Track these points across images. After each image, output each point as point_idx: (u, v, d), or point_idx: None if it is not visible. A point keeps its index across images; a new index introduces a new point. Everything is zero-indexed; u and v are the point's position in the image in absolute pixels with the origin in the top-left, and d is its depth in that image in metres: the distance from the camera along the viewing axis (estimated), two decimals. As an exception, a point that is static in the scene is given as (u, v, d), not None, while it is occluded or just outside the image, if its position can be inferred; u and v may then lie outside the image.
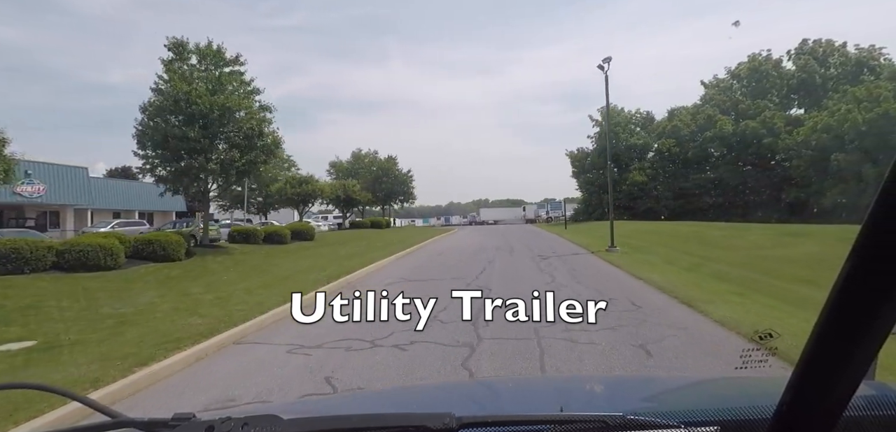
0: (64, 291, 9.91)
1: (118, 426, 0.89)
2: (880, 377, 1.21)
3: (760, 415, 0.86)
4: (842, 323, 0.56)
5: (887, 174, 0.46)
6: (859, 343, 0.56)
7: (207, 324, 6.53)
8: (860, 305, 0.53)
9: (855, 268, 0.52)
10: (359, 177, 52.62)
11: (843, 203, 33.76)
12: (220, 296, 8.97)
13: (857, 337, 0.55)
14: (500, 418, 0.94)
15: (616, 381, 2.69)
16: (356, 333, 5.65)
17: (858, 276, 0.52)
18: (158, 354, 5.18)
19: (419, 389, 3.04)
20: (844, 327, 0.56)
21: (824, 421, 0.63)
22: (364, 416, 0.96)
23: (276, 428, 0.83)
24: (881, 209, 0.47)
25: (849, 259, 0.52)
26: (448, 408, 0.86)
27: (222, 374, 4.90)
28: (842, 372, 0.58)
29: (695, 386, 1.81)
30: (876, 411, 0.85)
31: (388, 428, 0.87)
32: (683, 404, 1.25)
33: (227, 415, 0.85)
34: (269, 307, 7.51)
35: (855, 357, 0.57)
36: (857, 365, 0.58)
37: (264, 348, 5.75)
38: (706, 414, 0.91)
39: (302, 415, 0.96)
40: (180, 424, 0.84)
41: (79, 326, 6.82)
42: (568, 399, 1.51)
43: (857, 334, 0.55)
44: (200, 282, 11.27)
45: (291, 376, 4.68)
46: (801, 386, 0.63)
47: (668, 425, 0.87)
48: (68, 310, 8.08)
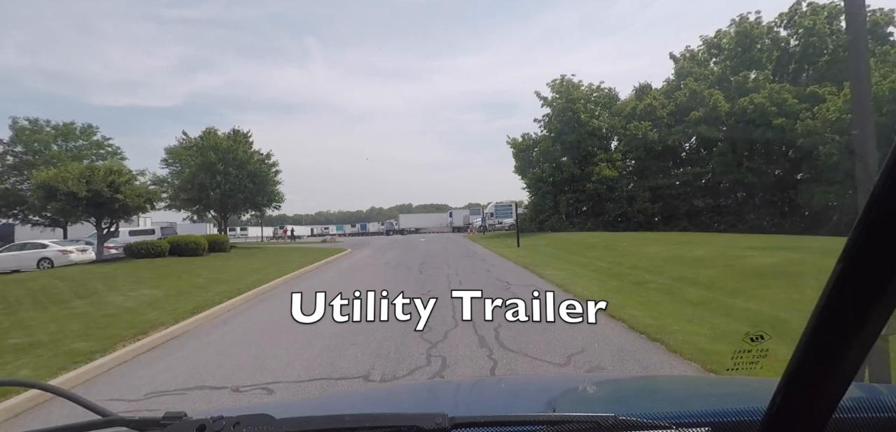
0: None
1: (109, 424, 0.89)
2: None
3: (751, 417, 0.88)
4: (832, 324, 0.56)
5: (879, 174, 0.46)
6: (850, 344, 0.56)
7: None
8: (850, 307, 0.54)
9: (846, 270, 0.52)
10: (190, 165, 34.48)
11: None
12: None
13: (848, 338, 0.55)
14: (492, 418, 0.94)
15: (608, 381, 2.47)
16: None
17: (849, 278, 0.52)
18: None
19: (412, 388, 3.07)
20: (835, 329, 0.56)
21: (814, 422, 0.63)
22: (357, 416, 0.97)
23: (268, 428, 0.84)
24: (873, 209, 0.47)
25: (840, 260, 0.52)
26: (441, 408, 0.88)
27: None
28: (832, 373, 0.59)
29: (686, 386, 1.88)
30: (866, 413, 0.86)
31: (381, 427, 0.88)
32: (675, 405, 1.26)
33: (219, 415, 0.86)
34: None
35: (845, 358, 0.57)
36: (847, 367, 0.58)
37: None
38: (697, 415, 0.93)
39: (294, 415, 0.97)
40: (172, 423, 0.85)
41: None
42: (560, 399, 1.56)
43: (848, 336, 0.55)
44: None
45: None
46: (792, 388, 0.63)
47: (659, 426, 0.88)
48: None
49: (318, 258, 22.41)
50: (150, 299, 10.75)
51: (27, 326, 8.31)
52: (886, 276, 0.50)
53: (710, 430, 0.87)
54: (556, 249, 22.41)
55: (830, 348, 0.57)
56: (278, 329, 7.43)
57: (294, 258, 22.67)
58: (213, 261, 21.28)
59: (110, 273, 16.26)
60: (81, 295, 11.75)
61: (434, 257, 20.67)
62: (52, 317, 9.10)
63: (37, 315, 9.37)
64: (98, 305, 10.23)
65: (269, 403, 3.28)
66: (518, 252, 21.56)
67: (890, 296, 0.51)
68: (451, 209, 73.79)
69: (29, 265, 20.72)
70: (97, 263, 20.96)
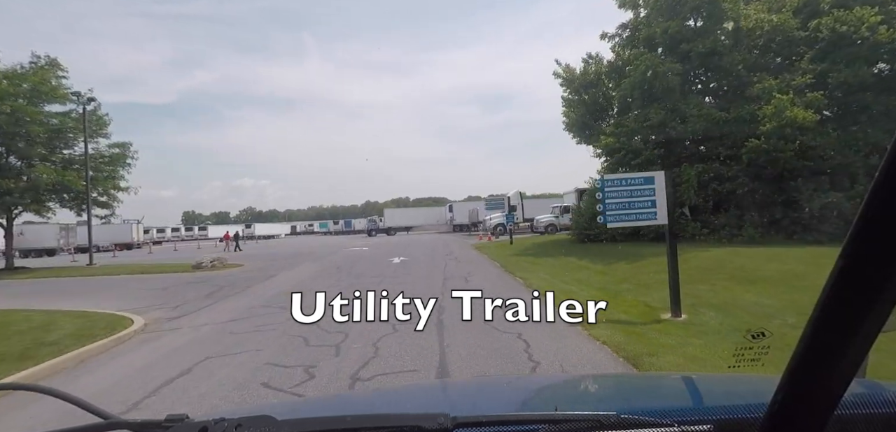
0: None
1: (111, 427, 0.90)
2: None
3: (753, 414, 0.88)
4: (833, 321, 0.56)
5: (878, 172, 0.46)
6: (851, 341, 0.56)
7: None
8: (852, 303, 0.53)
9: (847, 266, 0.52)
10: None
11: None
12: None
13: (849, 335, 0.55)
14: (494, 418, 0.93)
15: (610, 380, 2.64)
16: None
17: (850, 274, 0.52)
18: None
19: (414, 388, 3.06)
20: (836, 325, 0.56)
21: (816, 419, 0.63)
22: (358, 416, 0.95)
23: (270, 429, 0.83)
24: (873, 204, 0.47)
25: (841, 256, 0.52)
26: (443, 408, 0.87)
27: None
28: (834, 370, 0.59)
29: (688, 384, 1.85)
30: (868, 409, 0.87)
31: (383, 428, 0.87)
32: (677, 403, 1.29)
33: (221, 417, 0.85)
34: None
35: (847, 355, 0.57)
36: (848, 364, 0.58)
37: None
38: (699, 412, 0.93)
39: (296, 416, 0.96)
40: (173, 425, 0.85)
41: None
42: (562, 398, 1.58)
43: (849, 332, 0.55)
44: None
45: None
46: (794, 385, 0.63)
47: (661, 424, 0.88)
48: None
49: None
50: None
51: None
52: (886, 274, 0.50)
53: (712, 428, 0.87)
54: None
55: (831, 345, 0.57)
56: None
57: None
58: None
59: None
60: None
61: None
62: None
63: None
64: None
65: (270, 405, 3.11)
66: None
67: (890, 293, 0.51)
68: (450, 202, 54.70)
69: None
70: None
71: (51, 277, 18.81)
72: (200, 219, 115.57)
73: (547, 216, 33.65)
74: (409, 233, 53.42)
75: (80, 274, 19.44)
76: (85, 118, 20.34)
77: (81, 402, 0.94)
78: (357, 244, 35.30)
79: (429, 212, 60.15)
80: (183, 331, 7.69)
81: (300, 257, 23.25)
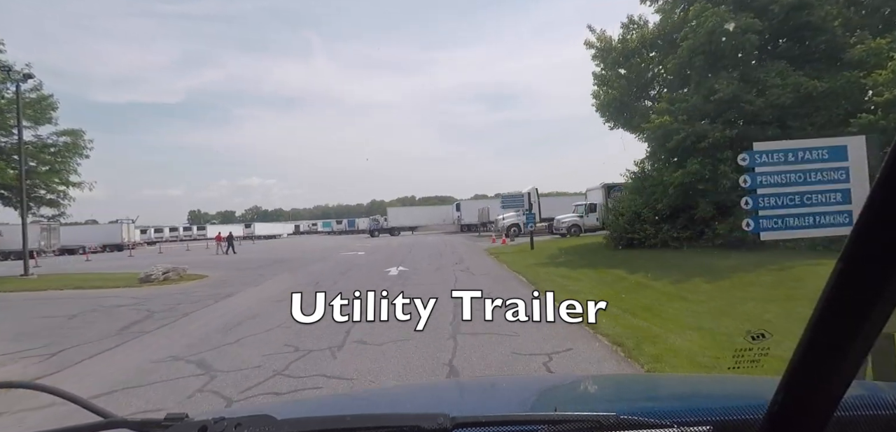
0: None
1: (111, 426, 0.88)
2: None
3: (752, 415, 0.87)
4: (834, 322, 0.55)
5: (879, 173, 0.46)
6: (851, 342, 0.55)
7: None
8: (852, 304, 0.53)
9: (847, 267, 0.51)
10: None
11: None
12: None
13: (849, 336, 0.55)
14: (494, 418, 0.92)
15: (610, 381, 2.50)
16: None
17: (851, 275, 0.52)
18: None
19: (413, 389, 2.99)
20: (836, 326, 0.55)
21: (816, 420, 0.63)
22: (358, 416, 0.95)
23: (269, 429, 0.82)
24: (874, 207, 0.47)
25: (841, 258, 0.52)
26: (442, 408, 0.86)
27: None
28: (834, 371, 0.58)
29: (688, 385, 1.82)
30: (867, 411, 0.86)
31: (383, 428, 0.87)
32: (677, 404, 1.27)
33: (221, 416, 0.85)
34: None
35: (847, 356, 0.57)
36: (848, 365, 0.58)
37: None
38: (699, 413, 0.91)
39: (296, 415, 0.96)
40: (173, 424, 0.84)
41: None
42: (562, 398, 1.54)
43: (849, 333, 0.55)
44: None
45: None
46: (793, 386, 0.63)
47: (661, 425, 0.87)
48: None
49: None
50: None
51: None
52: (886, 275, 0.50)
53: (711, 429, 0.87)
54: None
55: (831, 347, 0.57)
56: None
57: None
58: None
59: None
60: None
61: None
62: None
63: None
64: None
65: (270, 404, 3.14)
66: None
67: (890, 294, 0.51)
68: (458, 201, 50.72)
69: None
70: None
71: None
72: (207, 218, 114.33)
73: (570, 216, 29.51)
74: (413, 234, 49.81)
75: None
76: (18, 99, 16.80)
77: (82, 401, 0.94)
78: (355, 246, 31.59)
79: (435, 212, 56.57)
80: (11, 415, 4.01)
81: (281, 265, 19.53)
